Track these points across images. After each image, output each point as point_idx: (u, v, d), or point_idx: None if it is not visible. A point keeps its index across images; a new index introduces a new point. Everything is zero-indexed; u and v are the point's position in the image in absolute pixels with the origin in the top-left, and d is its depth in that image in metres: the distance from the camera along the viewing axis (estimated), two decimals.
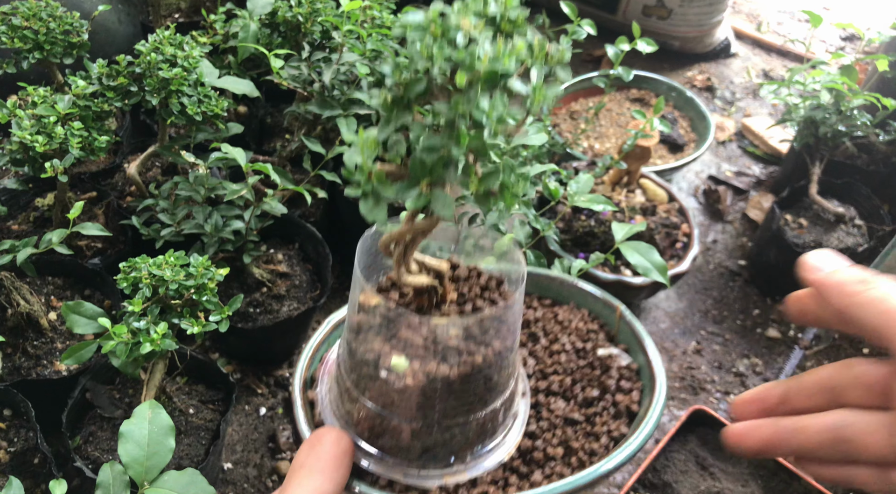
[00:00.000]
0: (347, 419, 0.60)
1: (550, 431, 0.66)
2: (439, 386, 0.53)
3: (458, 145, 0.45)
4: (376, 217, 0.48)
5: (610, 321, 0.77)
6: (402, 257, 0.56)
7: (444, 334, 0.53)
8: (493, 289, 0.63)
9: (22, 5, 1.20)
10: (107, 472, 0.76)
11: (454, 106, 0.45)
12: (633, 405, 0.68)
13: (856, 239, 1.58)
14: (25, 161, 1.08)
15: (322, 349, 0.73)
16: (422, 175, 0.47)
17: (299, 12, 1.28)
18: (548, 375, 0.71)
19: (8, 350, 1.14)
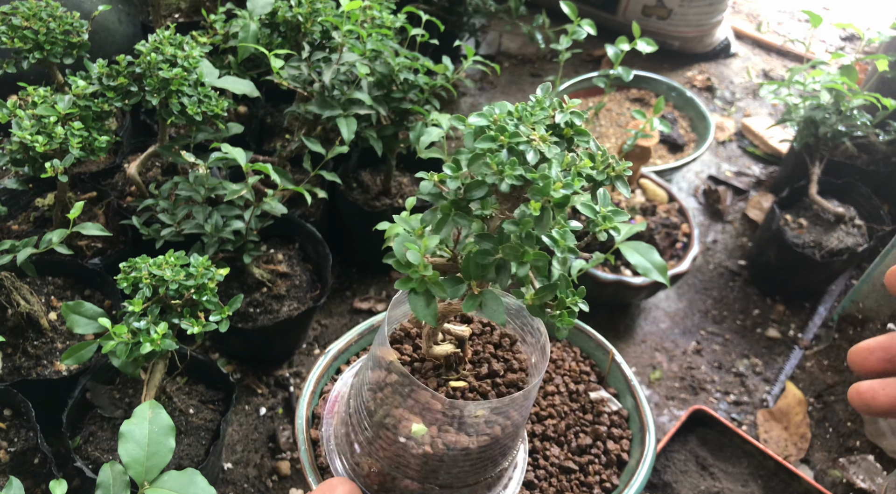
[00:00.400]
0: (356, 469, 0.61)
1: (547, 480, 0.67)
2: (458, 455, 0.54)
3: (522, 264, 0.46)
4: (426, 316, 0.49)
5: (601, 362, 0.79)
6: (431, 331, 0.58)
7: (471, 413, 0.54)
8: (507, 348, 0.64)
9: (22, 5, 1.20)
10: (107, 472, 0.76)
11: (523, 226, 0.45)
12: (624, 455, 0.70)
13: (855, 239, 1.58)
14: (26, 161, 1.08)
15: (323, 380, 0.74)
16: (474, 276, 0.48)
17: (299, 12, 1.28)
18: (543, 418, 0.73)
19: (8, 350, 1.14)
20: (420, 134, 1.18)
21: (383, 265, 1.11)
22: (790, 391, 1.48)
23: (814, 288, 1.72)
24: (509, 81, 2.39)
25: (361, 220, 1.49)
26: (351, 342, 0.77)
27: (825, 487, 1.12)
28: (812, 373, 1.55)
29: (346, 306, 1.61)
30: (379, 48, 1.27)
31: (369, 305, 1.60)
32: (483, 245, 0.47)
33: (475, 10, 2.11)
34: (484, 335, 0.66)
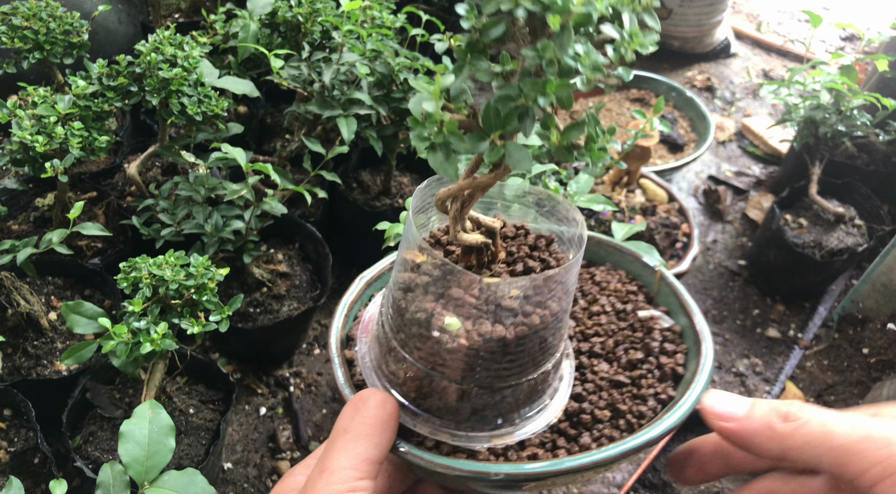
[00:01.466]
0: (392, 379, 0.58)
1: (596, 393, 0.64)
2: (494, 347, 0.52)
3: (544, 94, 0.42)
4: (448, 171, 0.46)
5: (649, 283, 0.75)
6: (459, 214, 0.54)
7: (503, 294, 0.51)
8: (543, 249, 0.61)
9: (22, 5, 1.20)
10: (107, 472, 0.76)
11: (542, 51, 0.41)
12: (679, 368, 0.66)
13: (855, 239, 1.58)
14: (26, 161, 1.08)
15: (356, 307, 0.71)
16: (495, 127, 0.44)
17: (299, 12, 1.28)
18: (589, 336, 0.70)
19: (8, 350, 1.14)
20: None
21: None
22: (790, 390, 1.48)
23: (814, 288, 1.72)
24: None
25: (361, 220, 1.49)
26: (383, 270, 0.75)
27: None
28: (812, 373, 1.55)
29: None
30: (379, 48, 1.27)
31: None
32: (504, 91, 0.43)
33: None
34: (518, 237, 0.63)
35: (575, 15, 0.41)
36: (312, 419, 1.39)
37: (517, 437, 0.58)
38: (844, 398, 1.48)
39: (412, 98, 0.46)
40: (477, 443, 0.57)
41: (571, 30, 0.42)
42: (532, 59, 0.42)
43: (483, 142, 0.45)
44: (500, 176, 0.49)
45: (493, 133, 0.44)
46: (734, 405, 0.50)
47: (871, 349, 1.55)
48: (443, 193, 0.53)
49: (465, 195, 0.52)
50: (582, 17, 0.41)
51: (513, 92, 0.43)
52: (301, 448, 1.34)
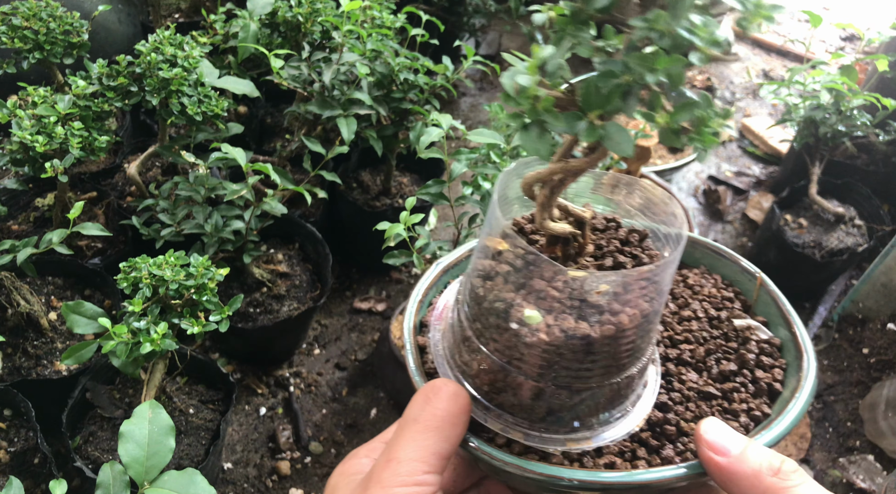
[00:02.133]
0: (464, 369, 0.55)
1: (683, 404, 0.60)
2: (577, 346, 0.48)
3: (653, 70, 0.39)
4: (539, 151, 0.42)
5: (746, 290, 0.71)
6: (547, 200, 0.50)
7: (591, 288, 0.47)
8: (635, 244, 0.57)
9: (22, 5, 1.20)
10: (107, 472, 0.76)
11: (654, 21, 0.38)
12: (776, 384, 0.61)
13: (855, 239, 1.58)
14: (26, 161, 1.08)
15: (431, 293, 0.68)
16: (595, 105, 0.41)
17: (299, 12, 1.28)
18: (678, 343, 0.66)
19: (8, 350, 1.14)
20: (420, 134, 1.18)
21: (383, 265, 1.11)
22: None
23: (814, 288, 1.72)
24: None
25: (361, 220, 1.49)
26: (461, 258, 0.72)
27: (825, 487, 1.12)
28: None
29: (346, 306, 1.61)
30: (379, 48, 1.27)
31: (369, 305, 1.60)
32: (607, 67, 0.40)
33: (475, 10, 2.11)
34: (608, 230, 0.59)
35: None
36: (312, 418, 1.39)
37: (595, 443, 0.55)
38: (844, 399, 1.48)
39: (505, 72, 0.42)
40: (551, 445, 0.54)
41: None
42: (642, 31, 0.39)
43: (580, 121, 0.41)
44: (595, 161, 0.46)
45: (592, 112, 0.41)
46: (730, 440, 0.49)
47: (871, 349, 1.55)
48: (531, 176, 0.50)
49: (556, 180, 0.49)
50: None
51: (616, 68, 0.40)
52: (301, 448, 1.34)
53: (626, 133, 0.40)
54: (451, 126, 1.11)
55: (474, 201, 1.11)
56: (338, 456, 1.34)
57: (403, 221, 1.05)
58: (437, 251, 1.09)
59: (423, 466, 0.47)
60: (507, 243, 0.50)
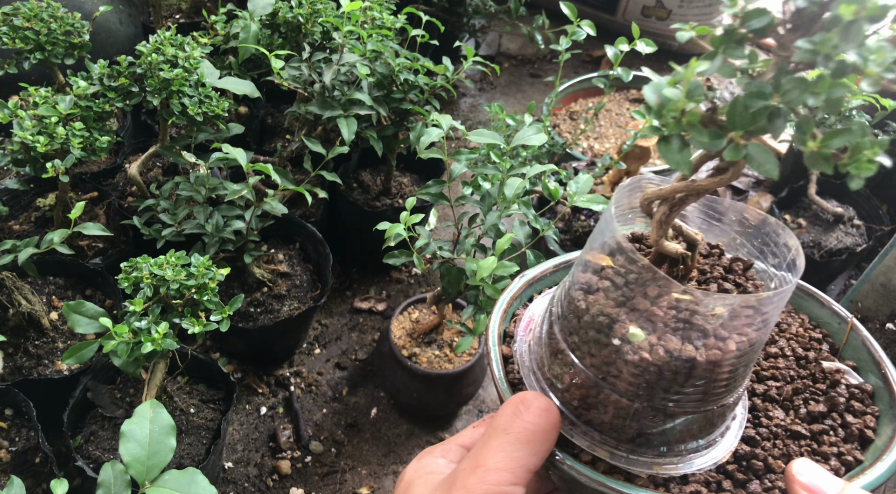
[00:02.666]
0: (553, 383, 0.54)
1: (770, 440, 0.59)
2: (680, 368, 0.47)
3: (814, 93, 0.37)
4: (680, 164, 0.41)
5: (835, 333, 0.69)
6: (666, 218, 0.49)
7: (706, 310, 0.46)
8: (739, 273, 0.56)
9: (23, 6, 1.21)
10: (108, 471, 0.76)
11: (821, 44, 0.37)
12: (868, 432, 0.59)
13: (854, 239, 1.58)
14: (27, 161, 1.08)
15: (515, 304, 0.67)
16: (739, 125, 0.40)
17: (300, 13, 1.28)
18: (764, 379, 0.64)
19: (9, 350, 1.14)
20: (420, 134, 1.18)
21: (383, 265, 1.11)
22: None
23: None
24: (509, 81, 2.40)
25: (362, 220, 1.49)
26: (546, 272, 0.71)
27: None
28: None
29: (347, 306, 1.61)
30: (379, 49, 1.27)
31: (369, 304, 1.61)
32: (755, 87, 0.39)
33: (475, 10, 2.11)
34: (711, 256, 0.57)
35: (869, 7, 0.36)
36: (313, 418, 1.39)
37: (682, 470, 0.53)
38: None
39: (646, 86, 0.42)
40: (637, 467, 0.52)
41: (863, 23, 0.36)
42: (804, 54, 0.37)
43: (722, 139, 0.41)
44: (725, 181, 0.45)
45: (736, 131, 0.40)
46: (826, 482, 0.47)
47: None
48: (651, 192, 0.49)
49: (677, 199, 0.48)
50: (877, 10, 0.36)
51: (766, 89, 0.39)
52: (301, 448, 1.34)
53: (770, 155, 0.40)
54: (451, 126, 1.11)
55: (474, 201, 1.11)
56: (338, 456, 1.34)
57: (403, 221, 1.05)
58: (437, 251, 1.10)
59: (510, 476, 0.47)
60: (610, 260, 0.50)
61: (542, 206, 1.30)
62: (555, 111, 1.99)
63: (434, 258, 1.10)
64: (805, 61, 0.38)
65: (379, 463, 1.34)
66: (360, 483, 1.30)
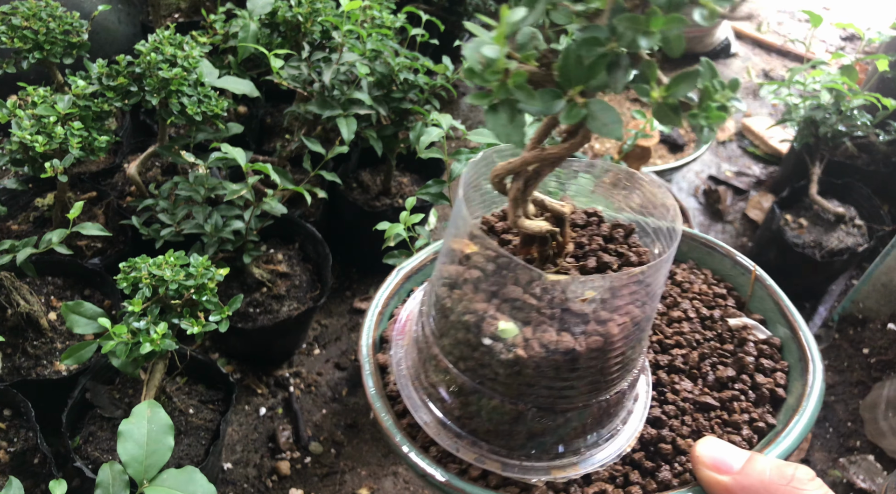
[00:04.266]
0: (431, 392, 0.49)
1: (678, 417, 0.54)
2: (560, 361, 0.42)
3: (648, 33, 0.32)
4: (511, 136, 0.35)
5: (740, 285, 0.64)
6: (521, 195, 0.43)
7: (574, 295, 0.41)
8: (620, 241, 0.51)
9: (22, 5, 1.20)
10: (106, 472, 0.76)
11: None
12: (779, 390, 0.55)
13: (856, 239, 1.58)
14: (25, 161, 1.08)
15: (392, 303, 0.62)
16: (575, 80, 0.34)
17: (299, 12, 1.28)
18: (668, 348, 0.59)
19: (8, 350, 1.14)
20: (420, 134, 1.18)
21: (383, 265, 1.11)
22: None
23: (814, 288, 1.71)
24: None
25: (361, 220, 1.49)
26: (425, 262, 0.64)
27: None
28: None
29: (346, 306, 1.61)
30: (379, 48, 1.27)
31: (369, 304, 1.60)
32: (589, 33, 0.33)
33: (475, 9, 2.11)
34: (589, 226, 0.52)
35: None
36: (312, 419, 1.39)
37: (582, 469, 0.49)
38: (845, 399, 1.48)
39: (468, 44, 0.35)
40: (533, 475, 0.48)
41: None
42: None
43: (559, 100, 0.35)
44: (576, 146, 0.40)
45: (573, 88, 0.34)
46: (731, 455, 0.44)
47: (871, 349, 1.55)
48: (501, 167, 0.44)
49: (530, 171, 0.43)
50: None
51: (601, 34, 0.33)
52: (301, 448, 1.34)
53: (613, 111, 0.34)
54: (451, 126, 1.11)
55: None
56: (338, 457, 1.34)
57: (403, 221, 1.05)
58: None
59: None
60: (476, 246, 0.44)
61: None
62: None
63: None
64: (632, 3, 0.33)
65: (378, 464, 1.33)
66: (359, 484, 1.30)
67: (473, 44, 0.35)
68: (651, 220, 0.50)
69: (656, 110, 0.36)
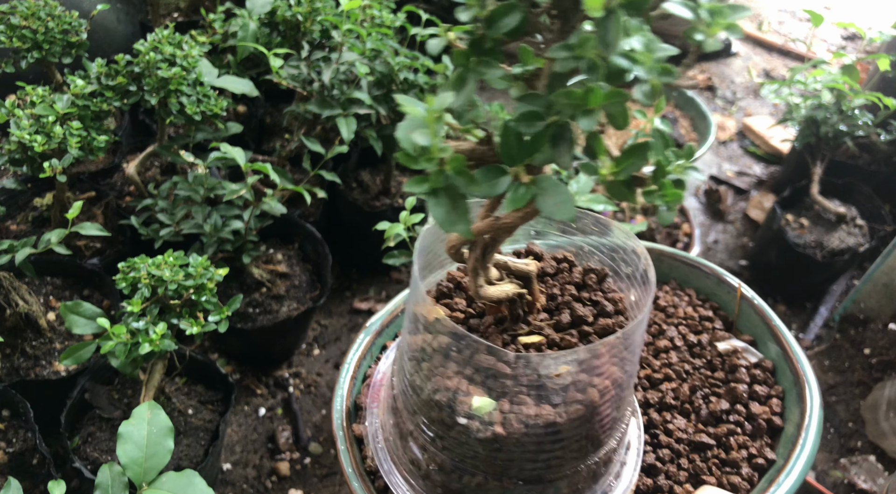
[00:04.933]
0: (411, 469, 0.46)
1: (674, 462, 0.51)
2: (542, 435, 0.40)
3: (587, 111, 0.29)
4: (457, 227, 0.33)
5: (725, 304, 0.62)
6: (480, 263, 0.41)
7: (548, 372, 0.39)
8: (593, 287, 0.49)
9: (20, 4, 1.20)
10: (105, 473, 0.76)
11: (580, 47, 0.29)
12: (776, 419, 0.53)
13: (857, 239, 1.58)
14: (24, 161, 1.08)
15: (364, 363, 0.59)
16: (518, 157, 0.32)
17: (299, 11, 1.28)
18: (657, 382, 0.57)
19: (7, 351, 1.13)
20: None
21: (383, 265, 1.11)
22: None
23: (815, 288, 1.71)
24: None
25: (361, 220, 1.48)
26: (395, 314, 0.61)
27: (826, 487, 1.12)
28: None
29: (346, 307, 1.60)
30: (379, 47, 1.27)
31: (369, 305, 1.60)
32: (529, 106, 0.31)
33: None
34: (560, 274, 0.50)
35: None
36: (312, 419, 1.38)
37: None
38: (846, 399, 1.48)
39: (400, 125, 0.33)
40: None
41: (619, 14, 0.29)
42: (564, 62, 0.30)
43: (503, 177, 0.32)
44: (532, 214, 0.37)
45: (517, 165, 0.32)
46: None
47: (872, 350, 1.54)
48: (456, 239, 0.42)
49: (487, 240, 0.41)
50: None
51: (540, 106, 0.31)
52: (300, 449, 1.33)
53: (565, 190, 0.32)
54: None
55: None
56: (337, 457, 1.33)
57: (403, 221, 1.04)
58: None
59: None
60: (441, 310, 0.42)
61: None
62: None
63: None
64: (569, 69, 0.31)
65: None
66: None
67: (405, 125, 0.33)
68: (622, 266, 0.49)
69: (608, 187, 0.33)
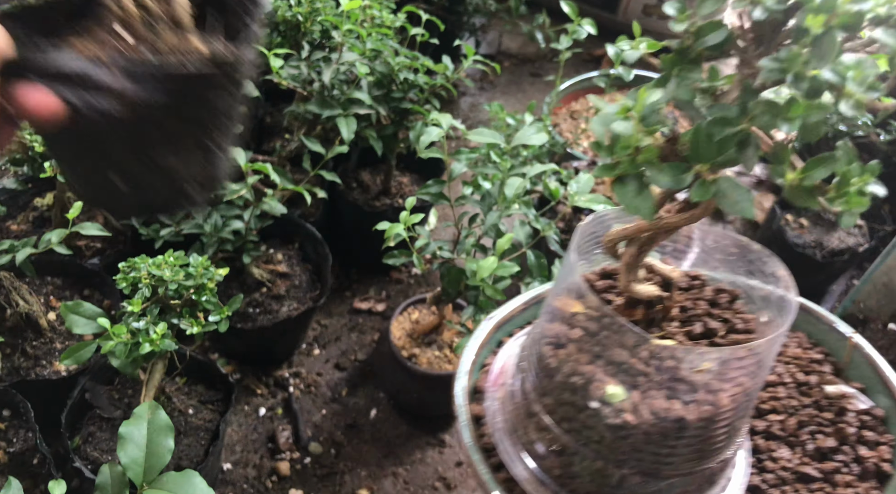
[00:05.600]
0: (531, 449, 0.48)
1: (778, 487, 0.52)
2: (668, 429, 0.41)
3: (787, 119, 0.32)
4: (640, 209, 0.35)
5: (836, 350, 0.63)
6: (634, 260, 0.43)
7: (691, 365, 0.40)
8: (724, 306, 0.50)
9: None
10: (106, 473, 0.76)
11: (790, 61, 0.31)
12: (884, 465, 0.53)
13: (856, 239, 1.58)
14: (25, 161, 1.08)
15: (483, 353, 0.61)
16: (705, 156, 0.34)
17: (299, 11, 1.28)
18: (764, 413, 0.57)
19: (7, 351, 1.13)
20: (420, 134, 1.18)
21: (383, 265, 1.11)
22: None
23: (815, 288, 1.71)
24: (510, 80, 2.39)
25: (361, 220, 1.48)
26: (514, 313, 0.64)
27: None
28: None
29: (346, 307, 1.60)
30: (379, 48, 1.27)
31: (369, 305, 1.60)
32: (719, 111, 0.34)
33: (475, 9, 2.11)
34: (692, 289, 0.51)
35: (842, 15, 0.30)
36: (312, 419, 1.38)
37: None
38: None
39: (594, 119, 0.36)
40: None
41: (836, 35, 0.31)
42: (770, 73, 0.32)
43: (687, 174, 0.35)
44: (696, 217, 0.39)
45: (702, 164, 0.34)
46: None
47: None
48: (615, 233, 0.43)
49: (645, 238, 0.43)
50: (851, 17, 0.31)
51: (731, 113, 0.34)
52: (300, 449, 1.33)
53: (745, 191, 0.34)
54: (451, 126, 1.10)
55: (474, 200, 1.11)
56: (337, 457, 1.33)
57: (403, 221, 1.04)
58: (437, 251, 1.09)
59: None
60: (582, 306, 0.44)
61: (542, 206, 1.30)
62: (555, 110, 1.98)
63: (434, 258, 1.10)
64: (772, 80, 0.33)
65: (378, 465, 1.33)
66: (359, 485, 1.30)
67: (599, 118, 0.35)
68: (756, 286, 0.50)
69: (790, 191, 0.35)
